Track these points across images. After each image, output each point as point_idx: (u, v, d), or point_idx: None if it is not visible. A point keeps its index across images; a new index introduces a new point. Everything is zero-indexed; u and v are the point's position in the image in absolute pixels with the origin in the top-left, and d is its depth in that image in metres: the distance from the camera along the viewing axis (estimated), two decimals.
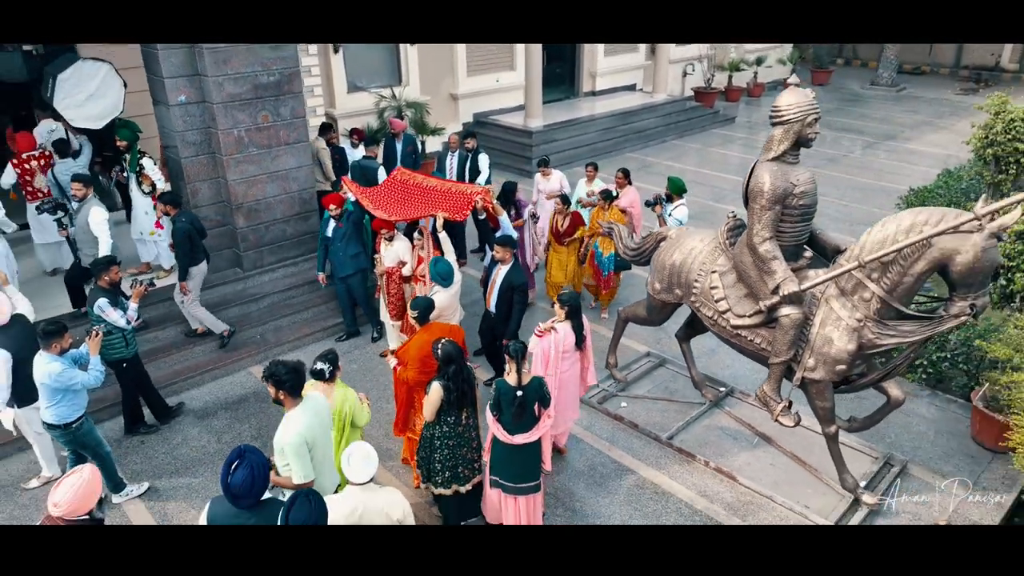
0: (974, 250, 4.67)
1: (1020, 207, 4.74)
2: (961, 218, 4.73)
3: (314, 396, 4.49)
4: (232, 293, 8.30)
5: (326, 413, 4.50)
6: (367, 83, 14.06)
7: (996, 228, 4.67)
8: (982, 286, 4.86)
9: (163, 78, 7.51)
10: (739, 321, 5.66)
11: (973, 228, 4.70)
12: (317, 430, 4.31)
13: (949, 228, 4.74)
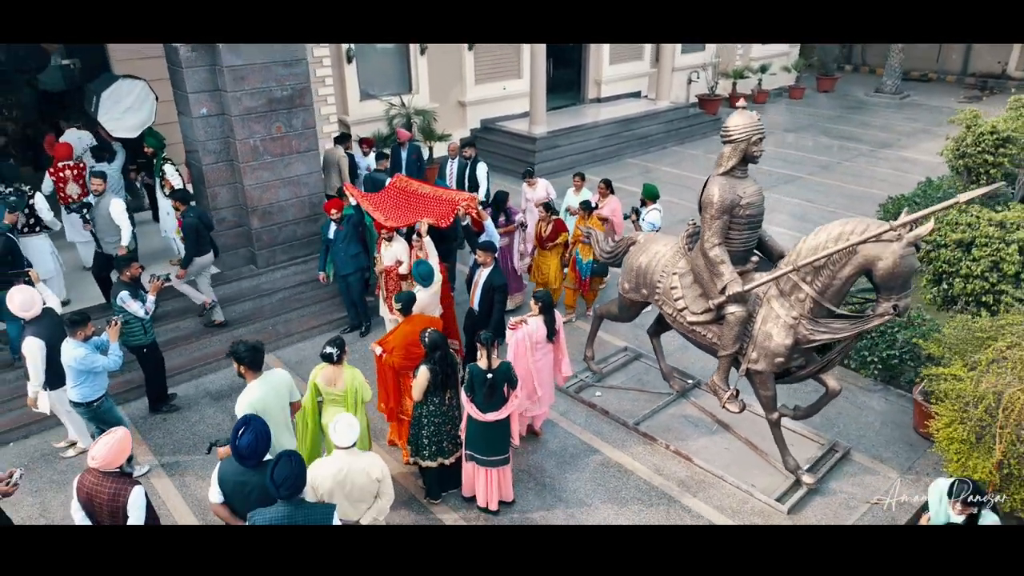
0: (893, 257, 5.29)
1: (933, 219, 5.35)
2: (882, 228, 5.35)
3: (274, 372, 5.28)
4: (247, 288, 9.08)
5: (283, 387, 5.27)
6: (379, 91, 14.83)
7: (912, 238, 5.28)
8: (903, 288, 5.47)
9: (187, 93, 8.31)
10: (694, 318, 6.32)
11: (893, 238, 5.32)
12: (271, 400, 5.10)
13: (871, 237, 5.36)
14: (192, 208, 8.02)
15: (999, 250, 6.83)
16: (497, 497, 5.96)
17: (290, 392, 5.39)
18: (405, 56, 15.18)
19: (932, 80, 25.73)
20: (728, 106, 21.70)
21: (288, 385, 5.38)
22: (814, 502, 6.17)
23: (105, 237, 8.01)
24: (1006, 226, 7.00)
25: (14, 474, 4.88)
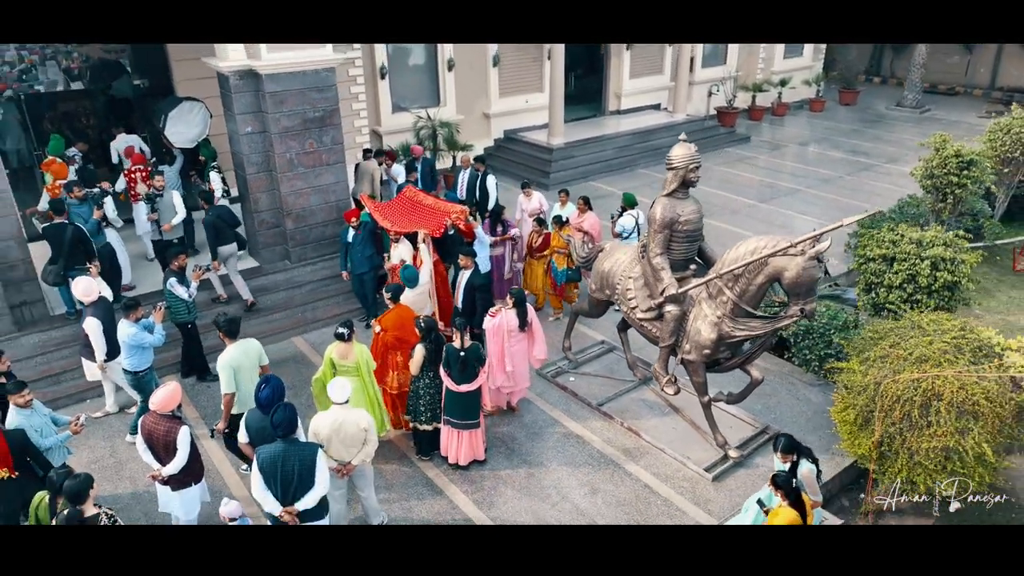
0: (797, 268, 6.41)
1: (829, 238, 6.45)
2: (788, 243, 6.47)
3: (248, 340, 6.83)
4: (282, 280, 10.58)
5: (253, 352, 6.81)
6: (409, 104, 16.29)
7: (813, 253, 6.40)
8: (808, 294, 6.58)
9: (235, 114, 9.84)
10: (641, 315, 7.53)
11: (797, 252, 6.44)
12: (243, 361, 6.69)
13: (779, 251, 6.50)
14: (213, 208, 9.59)
15: (915, 264, 7.82)
16: (468, 455, 7.27)
17: (259, 357, 6.90)
18: (434, 72, 16.62)
19: (959, 94, 26.02)
20: (747, 118, 22.62)
21: (258, 351, 6.91)
22: (737, 473, 7.32)
23: (165, 218, 9.86)
24: (923, 244, 7.98)
25: (80, 418, 6.41)
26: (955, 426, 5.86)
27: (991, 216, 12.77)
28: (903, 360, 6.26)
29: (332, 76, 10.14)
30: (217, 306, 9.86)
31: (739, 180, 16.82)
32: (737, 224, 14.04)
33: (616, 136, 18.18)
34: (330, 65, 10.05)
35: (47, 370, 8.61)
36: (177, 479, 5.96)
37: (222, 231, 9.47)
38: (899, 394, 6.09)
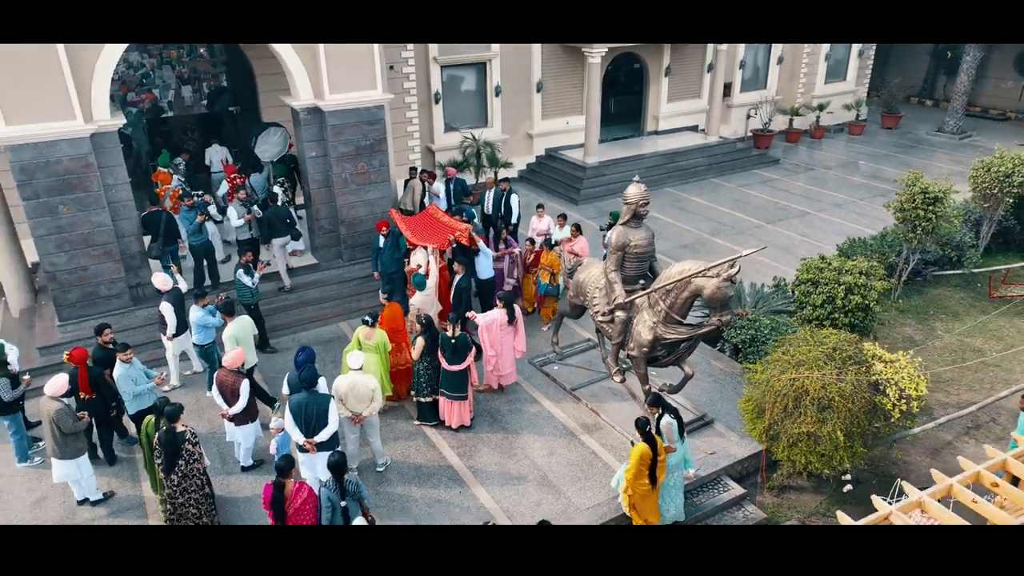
0: (712, 288, 8.20)
1: (738, 264, 8.19)
2: (706, 267, 8.25)
3: (243, 318, 9.25)
4: (335, 275, 12.96)
5: (248, 326, 9.25)
6: (460, 125, 18.55)
7: (725, 276, 8.17)
8: (723, 309, 8.34)
9: (304, 141, 12.28)
10: (600, 318, 9.45)
11: (712, 275, 8.23)
12: (241, 333, 9.13)
13: (698, 273, 8.30)
14: (273, 208, 12.24)
15: (833, 288, 9.37)
16: (458, 420, 9.38)
17: (252, 328, 9.40)
18: (483, 96, 18.81)
19: (1011, 119, 26.24)
20: (784, 140, 23.80)
21: (251, 324, 9.45)
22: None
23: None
24: (842, 271, 9.50)
25: (163, 373, 8.91)
26: (816, 416, 7.55)
27: (974, 246, 13.89)
28: (787, 364, 7.97)
29: (381, 112, 12.43)
30: (281, 294, 12.36)
31: (754, 201, 18.25)
32: (739, 243, 15.53)
33: (646, 156, 19.88)
34: (380, 103, 12.34)
35: (152, 336, 11.23)
36: (239, 417, 8.32)
37: (276, 226, 12.03)
38: (780, 389, 7.82)
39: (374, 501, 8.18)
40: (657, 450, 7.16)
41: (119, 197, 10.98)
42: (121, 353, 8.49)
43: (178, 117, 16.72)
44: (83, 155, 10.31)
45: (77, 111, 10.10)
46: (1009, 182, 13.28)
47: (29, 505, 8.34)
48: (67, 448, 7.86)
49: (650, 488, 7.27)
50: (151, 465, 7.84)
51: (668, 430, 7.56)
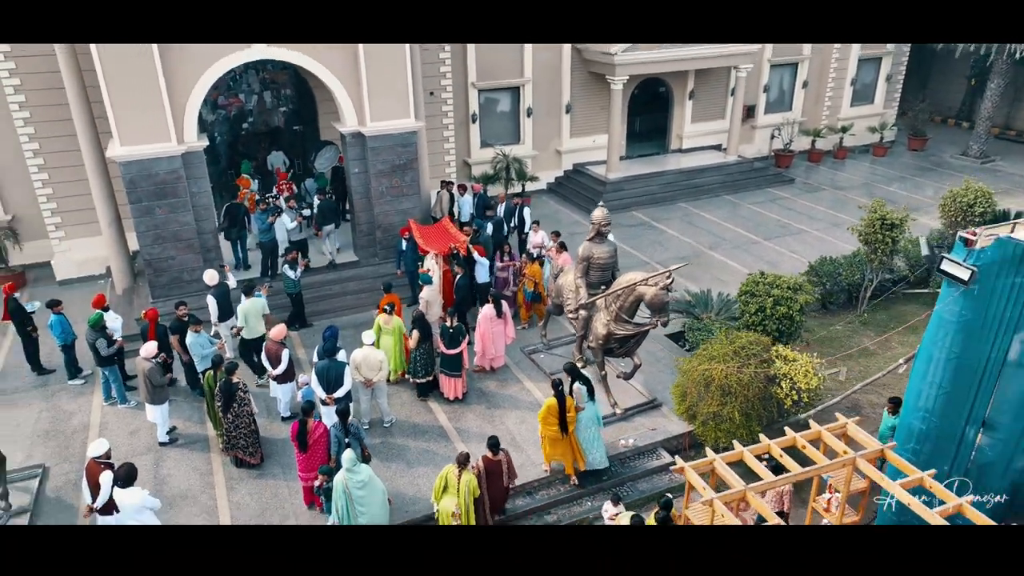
0: (650, 295, 10.26)
1: (673, 275, 10.21)
2: (646, 277, 10.31)
3: (254, 299, 11.55)
4: (371, 271, 15.48)
5: (259, 304, 11.57)
6: (495, 141, 20.87)
7: (661, 286, 10.20)
8: (661, 312, 10.36)
9: (349, 159, 14.85)
10: (570, 315, 11.60)
11: (651, 284, 10.28)
12: (251, 310, 11.49)
13: (639, 283, 10.37)
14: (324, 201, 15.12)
15: (764, 300, 11.21)
16: (453, 393, 11.69)
17: (263, 308, 11.81)
18: (516, 116, 21.08)
19: None
20: (806, 160, 25.11)
21: (262, 304, 11.85)
22: (619, 424, 11.18)
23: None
24: (773, 286, 11.31)
25: (223, 341, 11.59)
26: (720, 400, 9.52)
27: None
28: (704, 357, 9.95)
29: (413, 137, 14.87)
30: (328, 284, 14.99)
31: (759, 219, 19.86)
32: (733, 258, 17.33)
33: (664, 173, 21.72)
34: (412, 129, 14.78)
35: None
36: (280, 377, 10.87)
37: (326, 215, 14.98)
38: (695, 378, 9.82)
39: (380, 449, 10.60)
40: (565, 405, 9.29)
41: (201, 203, 13.79)
42: (193, 325, 11.18)
43: (253, 132, 19.64)
44: (175, 169, 13.14)
45: (172, 135, 12.92)
46: (971, 211, 14.65)
47: (126, 435, 11.11)
48: (155, 396, 10.55)
49: (560, 434, 9.41)
50: (212, 408, 10.46)
51: (577, 393, 9.65)
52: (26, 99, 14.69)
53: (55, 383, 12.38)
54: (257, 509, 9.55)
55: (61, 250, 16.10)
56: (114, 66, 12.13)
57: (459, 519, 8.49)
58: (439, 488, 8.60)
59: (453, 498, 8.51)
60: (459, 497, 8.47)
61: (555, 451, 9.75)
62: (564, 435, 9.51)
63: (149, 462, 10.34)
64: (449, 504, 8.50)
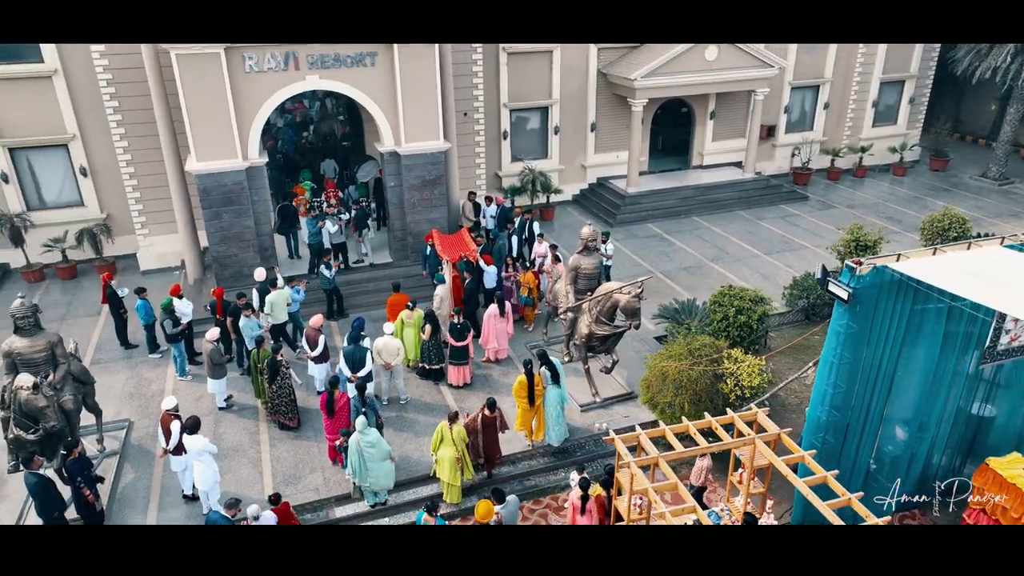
0: (624, 301, 12.15)
1: (643, 285, 12.07)
2: (620, 286, 12.20)
3: (279, 290, 13.92)
4: (402, 272, 17.71)
5: (284, 294, 13.98)
6: (524, 156, 22.92)
7: (633, 294, 12.08)
8: (633, 317, 12.23)
9: (386, 174, 17.14)
10: (560, 316, 13.58)
11: (624, 292, 12.18)
12: (277, 300, 13.91)
13: (615, 291, 12.27)
14: (360, 210, 17.27)
15: (727, 309, 12.90)
16: (460, 380, 13.79)
17: (288, 297, 14.03)
18: (544, 133, 23.08)
19: None
20: (825, 178, 26.26)
21: (288, 294, 14.09)
22: (598, 411, 13.08)
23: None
24: (736, 297, 12.97)
25: (267, 326, 13.98)
26: (673, 392, 11.35)
27: None
28: (665, 356, 11.78)
29: (442, 156, 17.04)
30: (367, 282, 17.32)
31: (765, 234, 21.31)
32: (732, 270, 18.91)
33: (681, 188, 23.34)
34: (441, 149, 16.94)
35: None
36: (318, 359, 13.17)
37: (361, 221, 17.13)
38: (656, 372, 11.67)
39: (394, 421, 12.79)
40: (533, 382, 11.27)
41: (260, 209, 16.29)
42: (245, 311, 13.60)
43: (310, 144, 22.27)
44: (240, 181, 15.65)
45: (239, 153, 15.43)
46: (946, 235, 15.93)
47: (192, 400, 13.58)
48: (215, 372, 12.97)
49: (528, 406, 11.40)
50: (255, 380, 12.83)
51: (540, 376, 11.60)
52: (122, 118, 17.50)
53: (138, 356, 15.05)
54: (292, 462, 11.87)
55: (145, 244, 18.92)
56: (194, 94, 14.68)
57: (460, 462, 10.64)
58: (436, 441, 10.72)
59: (450, 447, 10.61)
60: (455, 445, 10.59)
61: (525, 420, 11.78)
62: (531, 407, 11.51)
63: (210, 422, 12.78)
64: (448, 453, 10.61)
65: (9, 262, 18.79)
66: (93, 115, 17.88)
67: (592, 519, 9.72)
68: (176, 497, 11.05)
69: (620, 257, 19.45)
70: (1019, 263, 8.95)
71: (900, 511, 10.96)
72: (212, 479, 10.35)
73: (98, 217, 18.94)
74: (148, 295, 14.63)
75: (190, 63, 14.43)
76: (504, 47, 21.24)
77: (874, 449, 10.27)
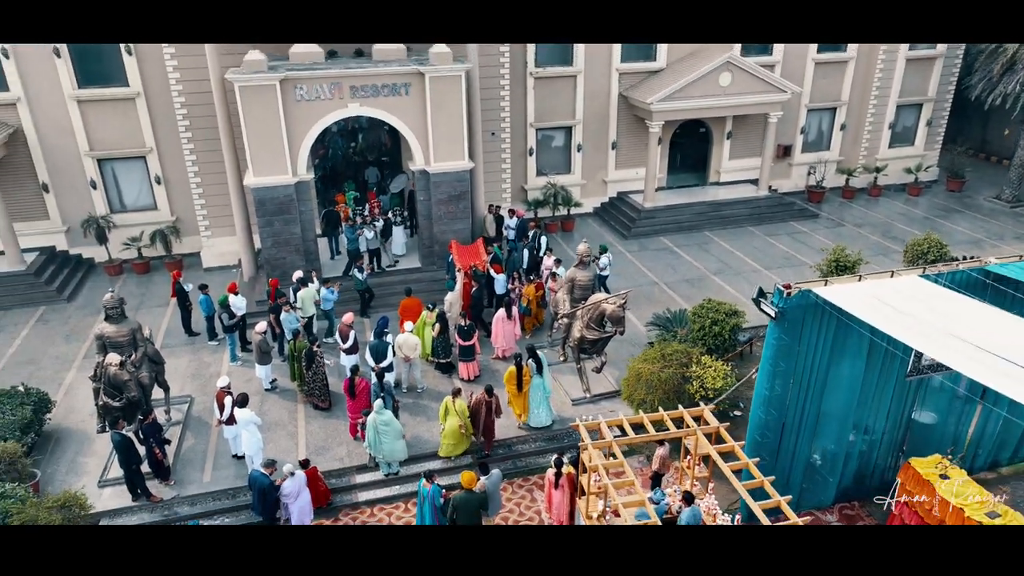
0: (610, 310, 14.04)
1: (626, 297, 13.93)
2: (607, 297, 14.09)
3: (309, 288, 16.26)
4: (429, 276, 19.88)
5: (312, 290, 16.34)
6: (549, 171, 24.86)
7: (618, 304, 13.95)
8: (619, 324, 14.11)
9: (417, 189, 19.33)
10: (558, 322, 15.51)
11: (609, 302, 14.05)
12: (306, 296, 16.28)
13: (601, 301, 14.16)
14: (388, 220, 19.39)
15: (704, 321, 14.61)
16: (470, 375, 15.84)
17: (316, 294, 16.28)
18: (568, 150, 24.97)
19: None
20: (840, 196, 27.40)
21: (315, 291, 16.38)
22: (587, 406, 14.95)
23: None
24: (711, 310, 14.64)
25: (303, 321, 16.28)
26: (646, 391, 13.17)
27: None
28: (642, 360, 13.60)
29: (466, 174, 19.12)
30: (396, 284, 19.54)
31: (769, 250, 22.75)
32: (731, 283, 20.45)
33: (695, 204, 24.90)
34: (466, 169, 19.03)
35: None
36: (348, 350, 15.39)
37: (385, 231, 19.42)
38: (634, 373, 13.51)
39: (410, 406, 14.92)
40: (521, 372, 13.26)
41: (307, 218, 18.67)
42: (285, 307, 15.94)
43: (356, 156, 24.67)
44: (289, 194, 18.04)
45: (289, 170, 17.81)
46: (926, 258, 17.24)
47: (242, 383, 15.93)
48: (262, 359, 15.32)
49: (516, 391, 13.40)
50: (292, 366, 15.13)
51: (528, 367, 13.54)
52: (192, 135, 20.12)
53: (199, 343, 17.57)
54: (323, 436, 14.11)
55: (207, 244, 21.56)
56: (253, 119, 17.09)
57: (464, 429, 12.92)
58: (443, 413, 13.01)
59: (455, 418, 12.87)
60: (459, 416, 12.87)
61: (516, 404, 13.80)
62: (519, 392, 13.52)
63: (257, 400, 15.13)
64: (452, 422, 12.87)
65: (94, 257, 21.68)
66: (168, 132, 20.57)
67: (564, 492, 11.66)
68: (227, 459, 13.41)
69: (628, 267, 21.24)
70: (931, 293, 10.49)
71: (839, 502, 12.59)
72: (256, 446, 12.63)
73: (169, 220, 21.66)
74: (209, 291, 17.12)
75: (250, 92, 16.85)
76: (532, 72, 23.20)
77: (811, 445, 11.91)
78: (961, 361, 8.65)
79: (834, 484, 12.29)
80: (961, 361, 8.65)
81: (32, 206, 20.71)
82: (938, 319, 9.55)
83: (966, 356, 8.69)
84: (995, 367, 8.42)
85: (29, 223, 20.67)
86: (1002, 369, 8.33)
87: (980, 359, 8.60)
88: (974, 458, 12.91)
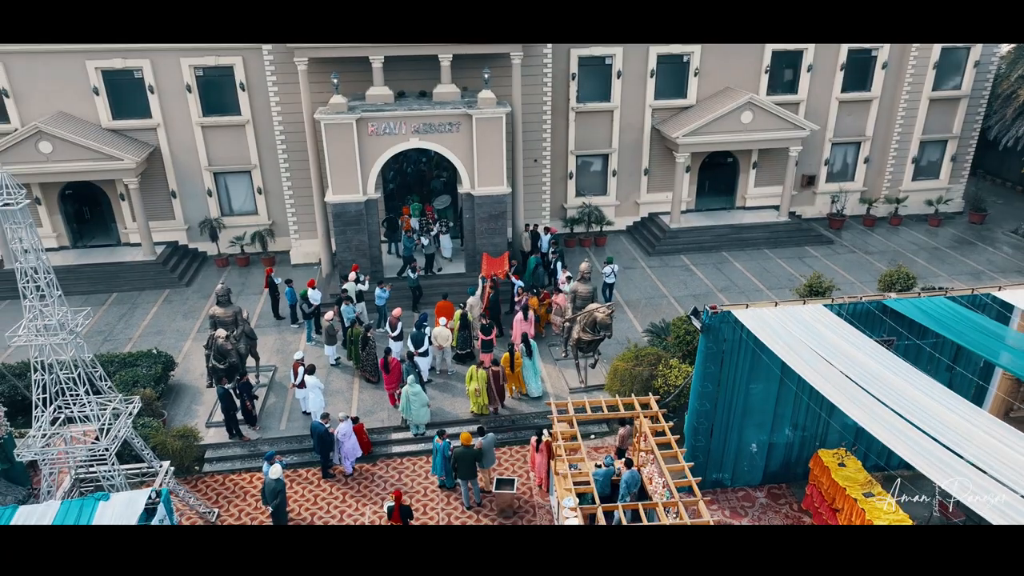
0: (600, 317, 17.51)
1: (613, 308, 17.35)
2: (598, 307, 17.53)
3: (350, 283, 20.26)
4: (471, 280, 23.72)
5: (354, 287, 20.31)
6: (587, 192, 28.29)
7: (606, 313, 17.39)
8: (607, 329, 17.56)
9: (462, 208, 23.24)
10: (561, 325, 19.06)
11: (601, 312, 17.50)
12: (350, 288, 20.10)
13: (593, 310, 17.62)
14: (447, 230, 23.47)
15: (680, 331, 17.75)
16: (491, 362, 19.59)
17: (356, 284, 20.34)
18: (604, 175, 28.31)
19: None
20: (860, 224, 29.48)
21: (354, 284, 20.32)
22: (581, 395, 18.40)
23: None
24: (687, 322, 17.75)
25: (361, 313, 20.45)
26: (621, 383, 16.56)
27: None
28: (620, 359, 16.98)
29: (505, 197, 22.85)
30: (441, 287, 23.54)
31: (776, 271, 25.37)
32: (734, 300, 23.30)
33: (717, 227, 27.72)
34: (505, 192, 22.77)
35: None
36: (395, 337, 19.43)
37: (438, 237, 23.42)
38: (612, 370, 16.93)
39: (440, 384, 18.83)
40: (514, 356, 16.91)
41: (372, 229, 22.90)
42: (345, 300, 20.12)
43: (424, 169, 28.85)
44: (360, 210, 22.29)
45: (360, 189, 22.06)
46: (894, 287, 19.73)
47: (313, 358, 20.22)
48: (329, 340, 19.59)
49: (510, 372, 17.03)
50: (350, 348, 19.26)
51: (519, 352, 17.12)
52: (287, 156, 24.78)
53: (283, 325, 22.10)
54: (371, 403, 18.21)
55: (296, 245, 26.22)
56: (333, 148, 21.39)
57: (480, 393, 16.82)
58: (469, 378, 17.06)
59: (475, 383, 16.90)
60: (478, 382, 16.84)
61: (511, 381, 17.50)
62: (512, 372, 17.21)
63: (323, 373, 19.38)
64: (473, 385, 16.94)
65: (207, 251, 26.77)
66: (268, 153, 25.33)
67: (543, 455, 15.24)
68: (298, 414, 17.69)
69: (644, 281, 24.47)
70: (827, 323, 13.41)
71: (767, 483, 15.60)
72: (319, 405, 16.80)
73: (266, 223, 26.46)
74: (292, 284, 21.60)
75: (333, 128, 21.16)
76: (573, 107, 26.68)
77: (740, 434, 15.00)
78: (817, 379, 11.74)
79: (761, 467, 15.32)
80: (817, 379, 11.74)
81: (163, 208, 25.93)
82: (818, 343, 12.57)
83: (823, 377, 11.76)
84: (843, 387, 11.46)
85: (160, 222, 25.89)
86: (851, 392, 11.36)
87: (833, 379, 11.65)
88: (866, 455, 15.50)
